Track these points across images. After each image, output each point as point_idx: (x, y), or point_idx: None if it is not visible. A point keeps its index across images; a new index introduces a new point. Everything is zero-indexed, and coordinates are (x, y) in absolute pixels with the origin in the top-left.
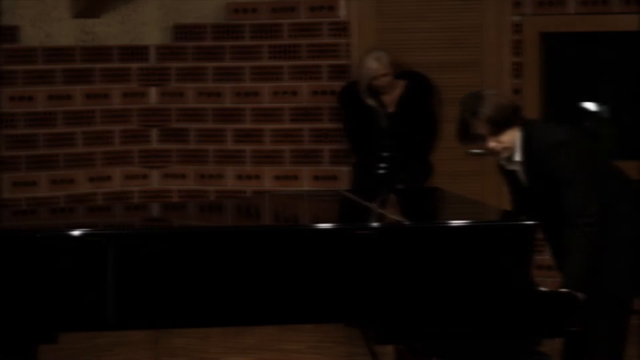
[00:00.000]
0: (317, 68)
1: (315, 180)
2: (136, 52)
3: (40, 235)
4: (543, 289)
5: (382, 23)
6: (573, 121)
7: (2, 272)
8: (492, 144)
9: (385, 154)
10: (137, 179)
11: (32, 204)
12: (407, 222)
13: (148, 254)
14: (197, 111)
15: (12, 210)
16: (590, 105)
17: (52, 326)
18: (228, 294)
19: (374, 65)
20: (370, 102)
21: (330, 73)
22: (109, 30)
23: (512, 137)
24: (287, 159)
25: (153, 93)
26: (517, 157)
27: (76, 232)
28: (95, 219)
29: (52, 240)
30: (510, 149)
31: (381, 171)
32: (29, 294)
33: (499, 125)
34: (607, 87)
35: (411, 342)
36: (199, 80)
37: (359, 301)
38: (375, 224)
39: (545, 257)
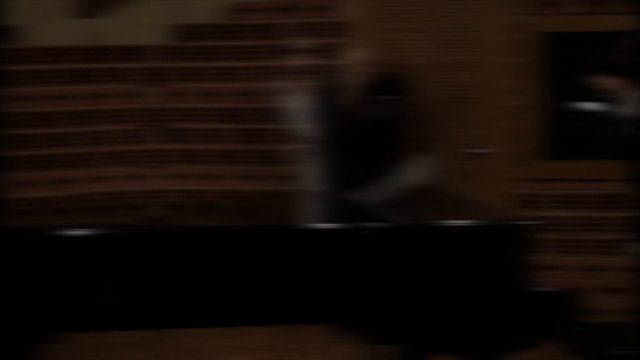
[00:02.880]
0: (317, 68)
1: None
2: (136, 52)
3: (40, 235)
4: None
5: (382, 23)
6: (573, 121)
7: (2, 272)
8: None
9: (364, 159)
10: (137, 179)
11: (32, 204)
12: (407, 222)
13: (148, 254)
14: (197, 111)
15: (12, 210)
16: (590, 105)
17: (52, 326)
18: (228, 294)
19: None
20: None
21: (330, 73)
22: (109, 30)
23: None
24: (286, 159)
25: (153, 93)
26: None
27: (76, 232)
28: (95, 219)
29: (52, 240)
30: None
31: (362, 176)
32: (29, 294)
33: None
34: None
35: (411, 342)
36: (199, 80)
37: (359, 301)
38: (375, 224)
39: (545, 257)
